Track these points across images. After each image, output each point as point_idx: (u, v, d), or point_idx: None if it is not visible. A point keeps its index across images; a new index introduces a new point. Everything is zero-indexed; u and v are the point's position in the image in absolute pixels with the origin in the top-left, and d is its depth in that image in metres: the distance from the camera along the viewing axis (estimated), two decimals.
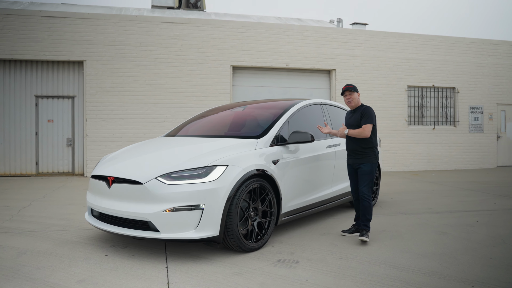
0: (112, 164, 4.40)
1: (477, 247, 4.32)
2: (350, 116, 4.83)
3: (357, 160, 4.67)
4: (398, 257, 3.99)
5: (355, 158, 4.70)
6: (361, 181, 4.64)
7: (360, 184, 4.64)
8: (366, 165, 4.63)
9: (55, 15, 10.82)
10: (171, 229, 3.76)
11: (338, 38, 12.39)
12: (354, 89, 4.73)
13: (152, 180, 3.82)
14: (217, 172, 3.89)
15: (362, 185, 4.62)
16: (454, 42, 13.29)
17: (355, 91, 4.73)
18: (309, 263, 3.82)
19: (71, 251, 4.23)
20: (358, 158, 4.67)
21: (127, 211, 3.91)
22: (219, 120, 5.62)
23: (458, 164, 13.31)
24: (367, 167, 4.62)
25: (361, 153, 4.66)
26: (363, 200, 4.59)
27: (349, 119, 4.84)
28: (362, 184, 4.62)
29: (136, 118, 11.11)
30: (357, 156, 4.67)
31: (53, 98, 11.15)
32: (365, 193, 4.59)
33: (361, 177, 4.65)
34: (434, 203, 7.01)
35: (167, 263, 3.82)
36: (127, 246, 4.37)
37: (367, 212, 4.57)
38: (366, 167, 4.62)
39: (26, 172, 11.00)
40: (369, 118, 4.59)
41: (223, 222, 3.84)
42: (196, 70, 11.45)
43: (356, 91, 4.74)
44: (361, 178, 4.64)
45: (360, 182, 4.65)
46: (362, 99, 12.31)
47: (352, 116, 4.78)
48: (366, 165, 4.63)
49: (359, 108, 4.75)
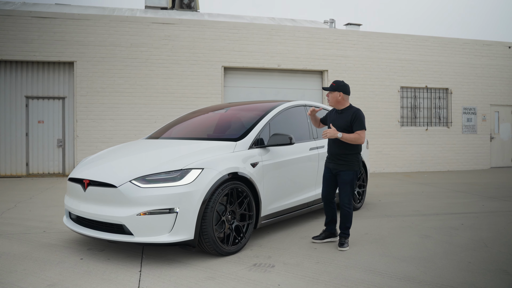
0: (89, 167, 4.36)
1: (458, 251, 4.27)
2: (337, 117, 4.45)
3: (339, 166, 4.37)
4: (376, 261, 3.95)
5: (337, 164, 4.38)
6: (342, 190, 4.38)
7: (340, 193, 4.39)
8: (347, 174, 4.34)
9: (45, 16, 10.77)
10: (145, 232, 3.72)
11: (331, 38, 12.35)
12: (335, 88, 4.38)
13: (126, 184, 3.78)
14: (192, 175, 3.84)
15: (342, 194, 4.37)
16: (447, 42, 13.26)
17: (335, 90, 4.38)
18: (285, 267, 3.77)
19: (47, 254, 4.19)
20: (341, 164, 4.36)
21: (102, 215, 3.87)
22: (200, 123, 5.58)
23: (451, 165, 13.27)
24: (349, 176, 4.35)
25: (344, 159, 4.35)
26: (343, 209, 4.38)
27: (335, 120, 4.46)
28: (343, 194, 4.37)
29: (126, 119, 11.07)
30: (340, 161, 4.36)
31: (44, 99, 11.10)
32: (345, 202, 4.36)
33: (341, 186, 4.38)
34: (422, 205, 6.97)
35: (141, 267, 3.78)
36: (104, 249, 4.32)
37: (347, 220, 4.39)
38: (347, 175, 4.34)
39: (17, 173, 10.95)
40: (362, 123, 4.30)
41: (198, 225, 3.79)
42: (187, 71, 11.41)
43: (338, 90, 4.37)
44: (342, 187, 4.37)
45: (340, 191, 4.40)
46: (355, 100, 12.31)
47: (339, 117, 4.41)
48: (347, 174, 4.34)
49: (348, 110, 4.41)
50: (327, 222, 4.63)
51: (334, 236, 4.61)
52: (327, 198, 4.57)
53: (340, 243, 4.38)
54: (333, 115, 4.57)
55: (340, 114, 4.44)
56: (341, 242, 4.39)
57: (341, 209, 4.42)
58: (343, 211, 4.40)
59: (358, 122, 4.30)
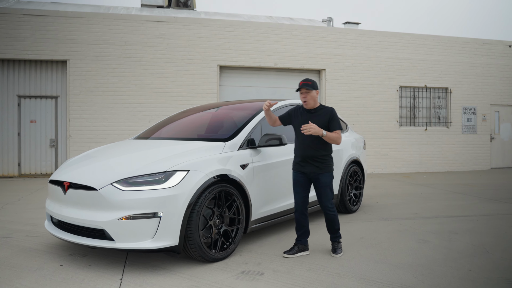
0: (71, 169, 4.16)
1: (457, 257, 4.07)
2: (309, 117, 4.08)
3: (316, 169, 4.03)
4: (372, 268, 3.74)
5: (314, 166, 4.03)
6: (323, 194, 4.06)
7: (322, 198, 4.08)
8: (326, 176, 4.05)
9: (38, 14, 10.57)
10: (126, 238, 3.52)
11: (328, 37, 12.15)
12: (313, 86, 4.05)
13: (107, 186, 3.58)
14: (177, 177, 3.64)
15: (324, 199, 4.06)
16: (446, 41, 13.05)
17: (313, 89, 4.04)
18: (274, 275, 3.57)
19: (26, 260, 3.99)
20: (317, 167, 4.03)
21: (82, 219, 3.67)
22: (190, 122, 5.37)
23: (450, 166, 13.07)
24: (328, 178, 4.07)
25: (322, 161, 4.04)
26: (328, 214, 4.10)
27: (307, 120, 4.06)
28: (324, 198, 4.06)
29: (120, 118, 10.86)
30: (316, 164, 4.03)
31: (36, 98, 10.90)
32: (329, 207, 4.08)
33: (322, 190, 4.05)
34: (420, 207, 6.77)
35: (123, 274, 3.58)
36: (87, 254, 4.13)
37: (334, 223, 4.14)
38: (326, 177, 4.05)
39: (8, 174, 10.75)
40: (339, 123, 4.06)
41: (183, 231, 3.60)
42: (182, 69, 11.20)
43: (315, 89, 4.06)
44: (323, 191, 4.05)
45: (321, 195, 4.07)
46: (353, 100, 12.13)
47: (313, 117, 4.07)
48: (326, 176, 4.05)
49: (319, 109, 4.12)
50: (301, 233, 4.19)
51: (307, 249, 4.20)
52: (303, 206, 4.16)
53: (334, 249, 4.15)
54: (304, 115, 4.15)
55: (313, 114, 4.10)
56: (334, 247, 4.16)
57: (326, 215, 4.13)
58: (328, 216, 4.12)
59: (336, 121, 4.04)
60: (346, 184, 6.06)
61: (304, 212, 4.17)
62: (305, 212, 4.18)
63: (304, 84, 4.05)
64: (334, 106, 11.95)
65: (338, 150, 5.93)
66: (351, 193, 6.30)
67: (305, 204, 4.17)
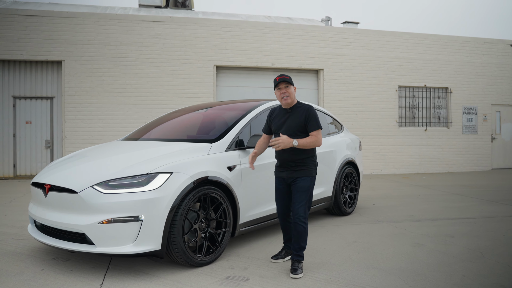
0: (54, 171, 4.04)
1: (452, 262, 3.94)
2: (285, 117, 3.75)
3: (295, 173, 3.66)
4: (362, 274, 3.61)
5: (293, 171, 3.67)
6: (297, 199, 3.62)
7: (295, 203, 3.63)
8: (305, 180, 3.65)
9: (32, 14, 10.48)
10: (107, 242, 3.40)
11: (326, 36, 12.02)
12: (291, 81, 3.74)
13: (88, 189, 3.46)
14: (159, 180, 3.52)
15: (298, 205, 3.60)
16: (446, 40, 12.90)
17: (292, 85, 3.74)
18: (260, 281, 3.44)
19: (7, 264, 3.88)
20: (297, 171, 3.66)
21: (63, 222, 3.56)
22: (179, 123, 5.24)
23: (451, 166, 12.91)
24: (307, 182, 3.65)
25: (301, 165, 3.67)
26: (297, 224, 3.59)
27: (283, 121, 3.74)
28: (298, 204, 3.61)
29: (116, 119, 10.76)
30: (297, 167, 3.66)
31: (31, 99, 10.80)
32: (301, 215, 3.58)
33: (297, 194, 3.63)
34: (417, 209, 6.63)
35: (104, 280, 3.46)
36: (69, 259, 4.01)
37: (302, 238, 3.62)
38: (305, 182, 3.65)
39: (4, 175, 10.65)
40: (317, 122, 3.67)
41: (166, 234, 3.47)
42: (178, 70, 11.09)
43: (292, 84, 3.76)
44: (298, 195, 3.62)
45: (295, 200, 3.63)
46: (351, 99, 11.99)
47: (289, 116, 3.73)
48: (305, 180, 3.65)
49: (296, 107, 3.76)
50: (286, 239, 3.98)
51: None
52: (284, 213, 3.86)
53: (293, 269, 3.56)
54: (281, 115, 3.80)
55: (290, 113, 3.74)
56: (294, 267, 3.57)
57: (295, 225, 3.61)
58: (297, 226, 3.60)
59: (314, 120, 3.66)
60: (340, 185, 5.92)
61: (286, 218, 3.88)
62: (287, 218, 3.87)
63: (283, 78, 3.69)
64: (332, 106, 11.84)
65: (331, 151, 5.81)
66: (346, 195, 6.17)
67: (286, 210, 3.85)
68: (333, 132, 6.28)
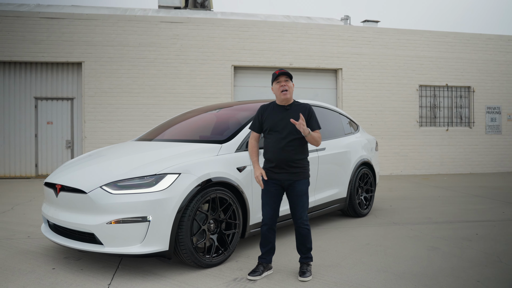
0: (66, 172, 4.09)
1: (467, 267, 3.82)
2: (283, 114, 3.59)
3: (292, 176, 3.53)
4: (372, 277, 3.53)
5: (291, 173, 3.53)
6: (299, 203, 3.54)
7: (297, 208, 3.54)
8: (303, 183, 3.56)
9: (53, 16, 10.69)
10: (115, 242, 3.42)
11: (345, 36, 11.88)
12: (291, 77, 3.62)
13: (97, 189, 3.49)
14: (167, 180, 3.52)
15: (301, 209, 3.53)
16: (469, 38, 12.58)
17: (291, 80, 3.61)
18: (267, 283, 3.40)
19: (20, 262, 3.95)
20: (294, 173, 3.53)
21: (73, 222, 3.61)
22: (192, 124, 5.24)
23: (473, 167, 12.59)
24: (305, 185, 3.58)
25: (299, 166, 3.55)
26: (302, 228, 3.54)
27: (281, 118, 3.58)
28: (301, 208, 3.53)
29: (134, 119, 10.88)
30: (293, 169, 3.53)
31: (52, 99, 11.03)
32: (304, 219, 3.54)
33: (298, 199, 3.54)
34: (435, 211, 6.47)
35: (112, 280, 3.48)
36: (81, 258, 4.05)
37: (308, 240, 3.57)
38: (304, 185, 3.56)
39: (26, 174, 10.90)
40: (318, 122, 3.64)
41: (173, 235, 3.47)
42: (196, 70, 11.14)
43: (292, 80, 3.64)
44: (299, 200, 3.54)
45: (297, 205, 3.54)
46: (370, 99, 11.83)
47: (289, 114, 3.58)
48: (303, 183, 3.56)
49: (297, 105, 3.66)
50: (266, 250, 3.61)
51: (271, 268, 3.65)
52: (272, 219, 3.59)
53: (302, 272, 3.50)
54: (278, 112, 3.64)
55: (289, 110, 3.61)
56: (303, 270, 3.52)
57: (299, 229, 3.56)
58: (302, 230, 3.54)
59: (316, 120, 3.62)
60: (355, 187, 5.83)
61: (273, 226, 3.61)
62: (274, 226, 3.61)
63: (283, 72, 3.57)
64: (351, 106, 11.71)
65: (346, 152, 5.73)
66: (361, 196, 6.07)
67: (275, 217, 3.61)
68: (349, 133, 6.19)
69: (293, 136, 3.53)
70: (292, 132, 3.53)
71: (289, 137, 3.54)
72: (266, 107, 3.74)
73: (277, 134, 3.56)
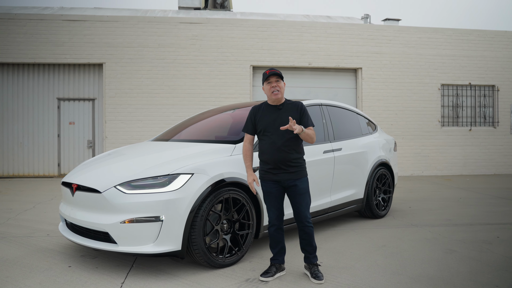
0: (82, 171, 4.16)
1: (486, 271, 3.71)
2: (275, 114, 3.56)
3: (292, 175, 3.50)
4: (386, 280, 3.48)
5: (289, 173, 3.49)
6: (302, 202, 3.51)
7: (300, 207, 3.51)
8: (303, 181, 3.54)
9: (75, 19, 10.89)
10: (128, 241, 3.46)
11: (365, 35, 11.73)
12: (282, 76, 3.58)
13: (111, 189, 3.54)
14: (180, 180, 3.54)
15: (303, 208, 3.51)
16: (493, 36, 12.26)
17: (282, 79, 3.58)
18: (280, 284, 3.39)
19: (38, 260, 4.03)
20: (293, 172, 3.50)
21: (88, 221, 3.66)
22: (206, 124, 5.27)
23: (498, 168, 12.26)
24: (305, 183, 3.56)
25: (295, 165, 3.52)
26: (307, 227, 3.52)
27: (274, 118, 3.54)
28: (303, 206, 3.51)
29: (154, 120, 10.99)
30: (292, 169, 3.50)
31: (75, 100, 11.24)
32: (308, 217, 3.53)
33: (300, 198, 3.51)
34: (456, 213, 6.33)
35: (126, 278, 3.52)
36: (96, 257, 4.12)
37: (312, 239, 3.56)
38: (304, 183, 3.54)
39: (49, 174, 11.15)
40: (311, 119, 3.61)
41: (186, 235, 3.49)
42: (215, 70, 11.19)
43: (283, 80, 3.60)
44: (301, 198, 3.51)
45: (300, 204, 3.51)
46: (391, 99, 11.66)
47: (280, 113, 3.56)
48: (303, 181, 3.54)
49: (287, 103, 3.63)
50: (277, 251, 3.63)
51: (283, 269, 3.66)
52: (279, 220, 3.59)
53: (315, 273, 3.48)
54: (271, 112, 3.60)
55: (281, 110, 3.58)
56: (315, 271, 3.50)
57: (304, 228, 3.53)
58: (306, 229, 3.52)
59: (308, 117, 3.59)
60: (372, 187, 5.75)
61: (281, 226, 3.61)
62: (281, 226, 3.62)
63: (273, 72, 3.52)
64: (371, 106, 11.57)
65: (363, 152, 5.66)
66: (379, 197, 5.99)
67: (281, 217, 3.61)
68: (366, 133, 6.11)
69: (288, 135, 3.49)
70: (286, 132, 3.48)
71: (284, 137, 3.49)
72: (258, 108, 3.70)
73: (272, 135, 3.52)
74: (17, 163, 11.03)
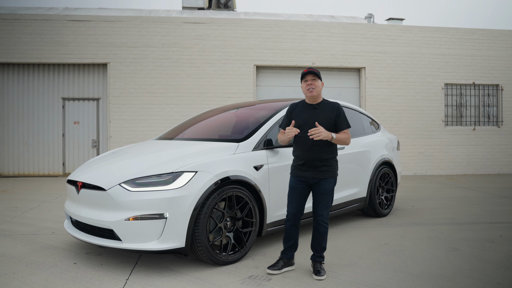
0: (87, 170, 4.21)
1: (488, 269, 3.73)
2: (311, 112, 3.61)
3: (320, 174, 3.54)
4: (388, 278, 3.50)
5: (317, 171, 3.54)
6: (323, 201, 3.55)
7: (320, 206, 3.56)
8: (329, 182, 3.57)
9: (80, 19, 10.97)
10: (133, 238, 3.51)
11: (368, 34, 11.74)
12: (319, 75, 3.61)
13: (116, 187, 3.58)
14: (184, 178, 3.58)
15: (323, 207, 3.55)
16: (497, 35, 12.23)
17: (319, 78, 3.60)
18: (282, 281, 3.42)
19: (44, 257, 4.08)
20: (322, 171, 3.54)
21: (93, 218, 3.71)
22: (209, 123, 5.31)
23: (502, 168, 12.24)
24: (331, 184, 3.58)
25: (327, 165, 3.55)
26: (321, 226, 3.57)
27: (311, 116, 3.58)
28: (323, 206, 3.55)
29: (158, 119, 11.05)
30: (321, 168, 3.54)
31: (79, 100, 11.31)
32: (325, 217, 3.56)
33: (322, 197, 3.55)
34: (459, 212, 6.34)
35: (130, 275, 3.56)
36: (101, 253, 4.16)
37: (324, 239, 3.61)
38: (329, 184, 3.57)
39: (54, 173, 11.22)
40: (347, 121, 3.61)
41: (190, 232, 3.53)
42: (218, 70, 11.23)
43: (320, 79, 3.62)
44: (323, 197, 3.55)
45: (320, 202, 3.56)
46: (394, 98, 11.67)
47: (317, 112, 3.60)
48: (329, 182, 3.57)
49: (324, 103, 3.65)
50: (288, 246, 3.68)
51: (293, 264, 3.72)
52: (297, 215, 3.64)
53: (317, 270, 3.52)
54: (307, 110, 3.65)
55: (318, 109, 3.61)
56: (317, 268, 3.54)
57: (318, 226, 3.58)
58: (320, 227, 3.58)
59: (344, 119, 3.60)
60: (375, 186, 5.77)
61: (296, 223, 3.65)
62: (297, 223, 3.66)
63: (310, 71, 3.57)
64: (375, 105, 11.58)
65: (366, 151, 5.68)
66: (382, 196, 6.01)
67: (299, 214, 3.65)
68: (369, 132, 6.13)
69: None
70: None
71: None
72: (296, 105, 3.76)
73: (305, 133, 3.52)
74: (22, 162, 11.12)
